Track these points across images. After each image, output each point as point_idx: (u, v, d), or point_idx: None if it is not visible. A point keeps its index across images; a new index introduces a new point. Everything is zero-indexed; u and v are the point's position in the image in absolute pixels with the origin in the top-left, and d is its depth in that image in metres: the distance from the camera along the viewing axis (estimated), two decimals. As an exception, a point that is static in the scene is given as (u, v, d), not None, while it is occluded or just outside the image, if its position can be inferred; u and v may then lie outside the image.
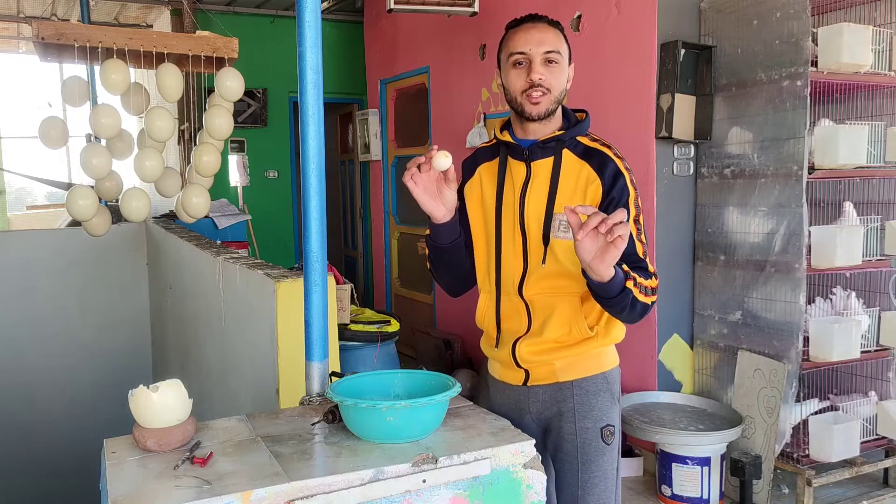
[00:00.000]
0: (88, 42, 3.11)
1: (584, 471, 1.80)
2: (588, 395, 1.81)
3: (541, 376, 1.82)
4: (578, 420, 1.80)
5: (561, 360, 1.80)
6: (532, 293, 1.79)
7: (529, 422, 1.85)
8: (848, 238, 3.12)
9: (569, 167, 1.76)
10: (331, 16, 6.70)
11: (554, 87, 1.73)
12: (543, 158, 1.77)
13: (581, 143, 1.78)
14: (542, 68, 1.72)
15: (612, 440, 1.82)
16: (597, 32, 3.83)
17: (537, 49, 1.72)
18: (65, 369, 5.25)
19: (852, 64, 3.10)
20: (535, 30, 1.74)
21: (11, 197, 11.75)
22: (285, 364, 2.37)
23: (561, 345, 1.79)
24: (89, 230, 3.55)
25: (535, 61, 1.72)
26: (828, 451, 3.13)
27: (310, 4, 1.84)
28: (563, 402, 1.82)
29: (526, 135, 1.80)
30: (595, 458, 1.80)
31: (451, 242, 1.82)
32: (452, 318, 5.36)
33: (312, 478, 1.33)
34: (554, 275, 1.76)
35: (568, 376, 1.81)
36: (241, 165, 5.93)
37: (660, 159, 3.56)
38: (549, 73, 1.72)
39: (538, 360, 1.81)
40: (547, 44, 1.73)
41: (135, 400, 1.50)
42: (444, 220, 1.77)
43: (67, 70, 6.92)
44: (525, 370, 1.83)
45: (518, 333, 1.82)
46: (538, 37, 1.73)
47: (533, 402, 1.85)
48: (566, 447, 1.81)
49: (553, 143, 1.76)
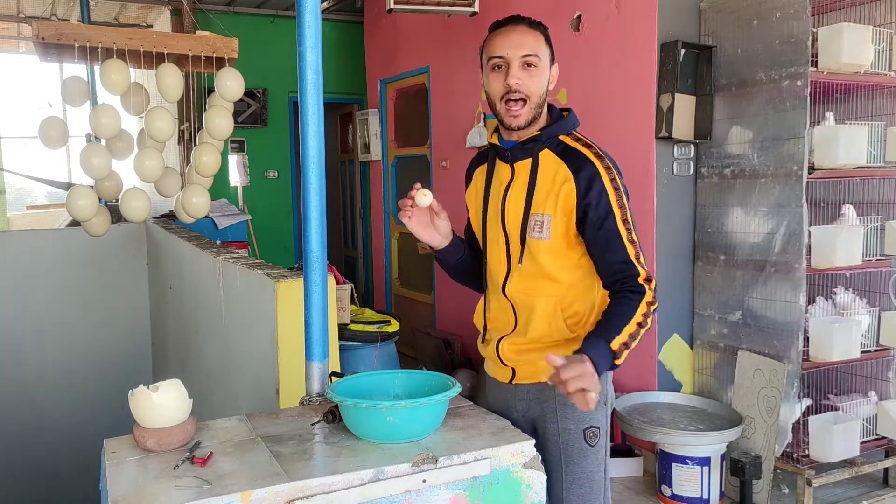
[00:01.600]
0: (88, 42, 3.11)
1: (568, 472, 1.79)
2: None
3: (526, 375, 1.83)
4: (560, 421, 1.79)
5: (544, 360, 1.74)
6: (513, 292, 1.81)
7: (517, 419, 1.84)
8: (848, 238, 3.12)
9: (546, 167, 1.74)
10: (331, 16, 6.70)
11: (532, 92, 1.70)
12: (524, 159, 1.77)
13: (563, 143, 1.76)
14: (519, 72, 1.69)
15: (596, 441, 1.80)
16: (597, 32, 3.83)
17: (515, 52, 1.70)
18: (65, 369, 5.25)
19: (852, 64, 3.10)
20: (514, 33, 1.71)
21: (11, 197, 11.75)
22: (285, 364, 2.37)
23: (543, 344, 1.78)
24: (89, 230, 3.55)
25: (512, 65, 1.70)
26: (828, 451, 3.13)
27: (310, 4, 1.84)
28: (545, 403, 1.81)
29: (511, 136, 1.80)
30: (578, 459, 1.78)
31: (457, 260, 1.90)
32: (452, 318, 5.36)
33: (312, 478, 1.33)
34: (532, 275, 1.77)
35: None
36: (241, 165, 5.93)
37: (660, 159, 3.56)
38: (527, 78, 1.70)
39: (521, 359, 1.82)
40: (525, 47, 1.70)
41: (135, 400, 1.50)
42: (442, 247, 1.85)
43: (67, 70, 6.92)
44: (511, 368, 1.84)
45: (504, 332, 1.84)
46: (517, 40, 1.70)
47: (519, 400, 1.86)
48: (550, 448, 1.81)
49: (531, 143, 1.76)
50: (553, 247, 1.73)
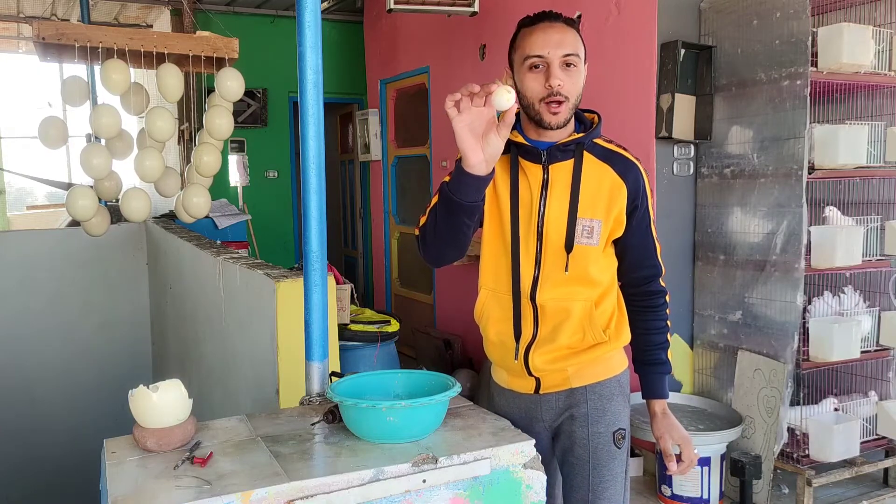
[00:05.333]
0: (88, 42, 3.11)
1: (596, 475, 1.77)
2: (602, 399, 1.78)
3: (553, 384, 1.78)
4: (591, 425, 1.77)
5: (574, 366, 1.76)
6: (545, 299, 1.72)
7: (541, 430, 1.81)
8: (848, 238, 3.12)
9: (590, 170, 1.69)
10: (331, 16, 6.70)
11: (572, 93, 1.64)
12: (563, 161, 1.69)
13: (598, 145, 1.73)
14: (561, 73, 1.61)
15: (622, 444, 1.79)
16: (597, 32, 3.83)
17: (556, 52, 1.61)
18: (65, 369, 5.25)
19: (852, 64, 3.10)
20: (553, 30, 1.62)
21: (11, 197, 11.75)
22: (285, 364, 2.37)
23: (574, 351, 1.75)
24: (89, 230, 3.55)
25: (553, 65, 1.61)
26: (828, 451, 3.13)
27: (310, 4, 1.84)
28: (576, 408, 1.78)
29: (540, 137, 1.71)
30: (607, 462, 1.77)
31: (471, 202, 1.53)
32: (452, 318, 5.36)
33: (312, 478, 1.33)
34: (573, 281, 1.71)
35: (581, 381, 1.77)
36: (241, 165, 5.93)
37: (660, 159, 3.56)
38: (567, 79, 1.62)
39: (551, 368, 1.76)
40: (566, 46, 1.61)
41: (135, 400, 1.50)
42: (477, 172, 1.49)
43: (67, 70, 6.93)
44: (536, 378, 1.79)
45: (525, 340, 1.76)
46: (557, 38, 1.61)
47: (546, 410, 1.80)
48: (577, 451, 1.77)
49: (573, 145, 1.68)
50: (598, 252, 1.71)
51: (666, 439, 1.78)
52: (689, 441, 1.78)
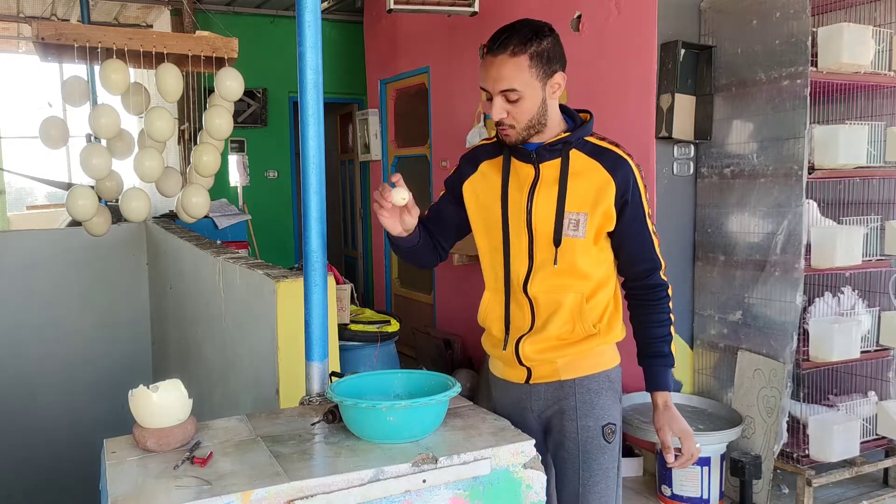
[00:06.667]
0: (88, 42, 3.11)
1: (586, 469, 1.81)
2: (590, 393, 1.82)
3: (543, 374, 1.83)
4: (580, 418, 1.81)
5: (563, 358, 1.81)
6: (537, 291, 1.79)
7: (531, 420, 1.86)
8: (848, 238, 3.12)
9: (578, 166, 1.75)
10: (331, 16, 6.70)
11: (519, 120, 1.70)
12: (551, 160, 1.76)
13: (588, 143, 1.78)
14: (502, 105, 1.69)
15: (613, 438, 1.83)
16: (597, 32, 3.83)
17: (494, 87, 1.68)
18: (65, 369, 5.25)
19: (852, 64, 3.09)
20: (492, 66, 1.67)
21: (11, 197, 11.74)
22: (285, 364, 2.37)
23: (564, 342, 1.80)
24: (89, 230, 3.55)
25: (495, 99, 1.69)
26: (828, 451, 3.13)
27: (310, 4, 1.84)
28: (564, 401, 1.82)
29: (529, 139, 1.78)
30: (596, 456, 1.81)
31: (409, 247, 1.84)
32: (452, 318, 5.36)
33: (312, 478, 1.33)
34: (561, 273, 1.77)
35: (570, 374, 1.82)
36: (241, 165, 5.93)
37: (660, 159, 3.56)
38: (512, 108, 1.69)
39: (541, 358, 1.81)
40: (503, 81, 1.66)
41: (135, 400, 1.50)
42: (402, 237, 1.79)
43: (67, 70, 6.92)
44: (527, 368, 1.84)
45: (521, 331, 1.83)
46: (494, 74, 1.67)
47: (535, 401, 1.85)
48: (567, 445, 1.82)
49: (560, 144, 1.75)
50: (586, 244, 1.75)
51: (665, 431, 1.79)
52: (690, 434, 1.79)
